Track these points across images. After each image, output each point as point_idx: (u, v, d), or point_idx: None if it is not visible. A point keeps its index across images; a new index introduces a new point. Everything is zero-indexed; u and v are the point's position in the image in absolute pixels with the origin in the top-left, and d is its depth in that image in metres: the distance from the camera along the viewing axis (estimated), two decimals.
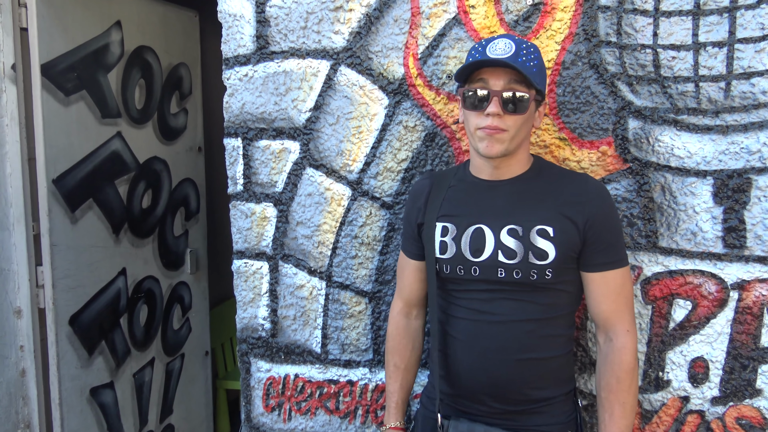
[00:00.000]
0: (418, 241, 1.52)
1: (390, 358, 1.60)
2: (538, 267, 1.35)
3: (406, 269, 1.57)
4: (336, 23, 1.72)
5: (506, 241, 1.37)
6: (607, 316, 1.40)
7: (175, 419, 3.06)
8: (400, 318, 1.60)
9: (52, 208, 2.36)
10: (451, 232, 1.42)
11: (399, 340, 1.59)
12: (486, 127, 1.32)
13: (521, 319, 1.38)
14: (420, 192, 1.53)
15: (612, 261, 1.38)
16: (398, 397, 1.58)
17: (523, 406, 1.40)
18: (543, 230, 1.36)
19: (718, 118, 1.51)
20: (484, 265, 1.38)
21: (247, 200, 1.86)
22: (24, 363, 2.43)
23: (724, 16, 1.48)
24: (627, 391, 1.37)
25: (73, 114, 2.43)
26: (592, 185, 1.41)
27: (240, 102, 1.83)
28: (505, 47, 1.31)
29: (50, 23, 2.32)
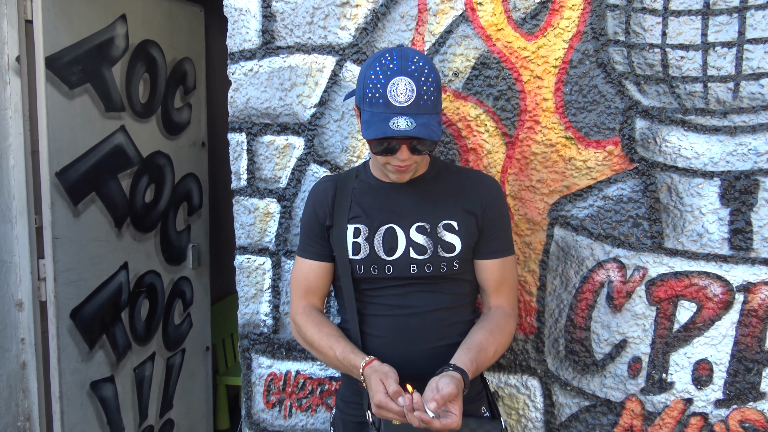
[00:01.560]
0: (325, 241, 1.51)
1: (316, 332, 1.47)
2: (446, 259, 1.43)
3: (309, 273, 1.53)
4: (342, 19, 1.71)
5: (416, 238, 1.44)
6: (495, 298, 1.48)
7: (175, 414, 3.06)
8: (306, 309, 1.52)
9: (55, 201, 2.35)
10: (363, 233, 1.46)
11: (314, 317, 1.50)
12: (397, 167, 1.37)
13: (434, 308, 1.45)
14: (323, 194, 1.52)
15: (502, 249, 1.48)
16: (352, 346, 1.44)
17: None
18: (449, 224, 1.44)
19: (726, 119, 1.50)
20: (397, 262, 1.44)
21: (250, 196, 1.86)
22: (25, 356, 2.43)
23: (734, 16, 1.47)
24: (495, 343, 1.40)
25: (77, 107, 2.43)
26: (486, 177, 1.52)
27: (245, 97, 1.82)
28: (407, 92, 1.30)
29: (55, 16, 2.31)
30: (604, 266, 1.62)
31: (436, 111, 1.33)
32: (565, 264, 1.65)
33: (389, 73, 1.31)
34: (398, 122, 1.29)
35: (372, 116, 1.32)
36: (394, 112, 1.30)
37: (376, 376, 1.31)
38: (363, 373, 1.37)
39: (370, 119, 1.33)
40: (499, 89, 1.63)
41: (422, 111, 1.30)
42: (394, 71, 1.31)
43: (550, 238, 1.66)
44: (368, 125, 1.33)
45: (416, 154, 1.36)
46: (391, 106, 1.30)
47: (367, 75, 1.34)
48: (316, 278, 1.54)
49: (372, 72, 1.33)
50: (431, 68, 1.33)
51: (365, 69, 1.36)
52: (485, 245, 1.47)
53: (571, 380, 1.69)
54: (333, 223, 1.49)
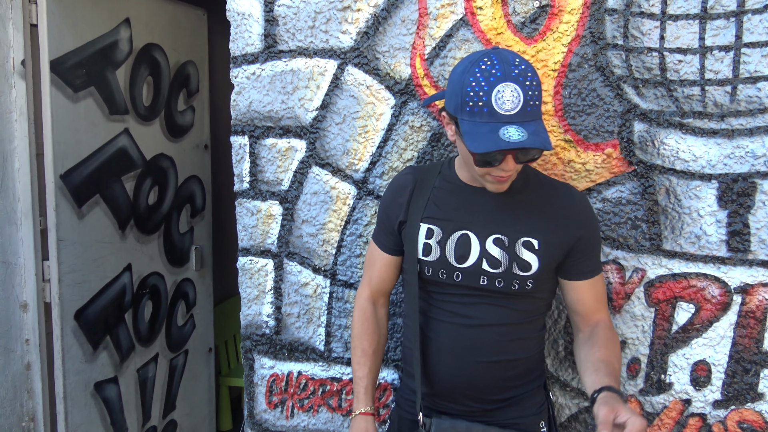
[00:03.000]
0: (396, 237, 1.51)
1: (358, 344, 1.57)
2: (520, 278, 1.37)
3: (378, 261, 1.56)
4: (344, 23, 1.73)
5: (491, 250, 1.38)
6: (595, 312, 1.44)
7: (178, 415, 3.08)
8: (368, 305, 1.59)
9: (60, 204, 2.38)
10: (437, 235, 1.42)
11: (367, 326, 1.57)
12: (498, 177, 1.30)
13: (497, 323, 1.41)
14: (402, 188, 1.50)
15: (597, 268, 1.43)
16: (367, 382, 1.55)
17: (497, 404, 1.45)
18: (528, 242, 1.37)
19: (723, 122, 1.52)
20: (467, 271, 1.39)
21: (253, 198, 1.88)
22: (29, 356, 2.45)
23: (731, 20, 1.49)
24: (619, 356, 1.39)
25: (82, 110, 2.45)
26: (577, 199, 1.43)
27: (247, 100, 1.84)
28: (513, 99, 1.21)
29: (60, 20, 2.34)
30: (603, 268, 1.63)
31: (540, 117, 1.24)
32: None
33: (492, 79, 1.21)
34: (509, 132, 1.19)
35: (475, 126, 1.22)
36: (500, 121, 1.20)
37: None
38: (353, 417, 1.52)
39: (472, 130, 1.23)
40: None
41: (529, 118, 1.21)
42: (498, 77, 1.21)
43: None
44: (473, 137, 1.22)
45: (521, 163, 1.28)
46: (497, 115, 1.20)
47: (466, 82, 1.24)
48: (381, 267, 1.56)
49: (472, 78, 1.23)
50: (533, 71, 1.24)
51: (462, 75, 1.25)
52: (577, 266, 1.41)
53: (570, 381, 1.70)
54: (407, 219, 1.46)
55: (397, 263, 1.56)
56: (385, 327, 1.62)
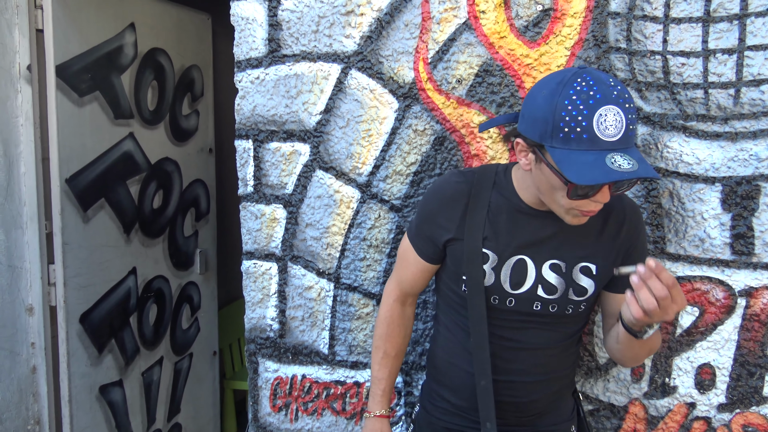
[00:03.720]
0: (437, 248, 1.43)
1: (381, 345, 1.56)
2: (575, 302, 1.34)
3: (413, 265, 1.49)
4: (347, 27, 1.74)
5: (548, 276, 1.33)
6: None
7: (183, 418, 3.08)
8: (396, 306, 1.56)
9: (65, 208, 2.39)
10: (492, 261, 1.34)
11: (393, 327, 1.56)
12: (589, 212, 1.21)
13: (546, 346, 1.39)
14: (455, 200, 1.38)
15: None
16: (386, 385, 1.56)
17: (537, 414, 1.45)
18: (586, 268, 1.33)
19: (727, 125, 1.52)
20: (521, 297, 1.35)
21: (257, 201, 1.88)
22: (35, 360, 2.46)
23: (734, 23, 1.49)
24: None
25: (87, 115, 2.46)
26: (629, 209, 1.36)
27: (251, 104, 1.85)
28: (617, 124, 1.11)
29: (65, 25, 2.35)
30: None
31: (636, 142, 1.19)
32: None
33: (592, 102, 1.10)
34: (617, 161, 1.09)
35: (572, 155, 1.11)
36: (603, 148, 1.10)
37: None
38: (368, 418, 1.56)
39: (570, 159, 1.11)
40: (502, 96, 1.65)
41: (630, 144, 1.12)
42: (598, 99, 1.10)
43: None
44: (572, 167, 1.11)
45: (615, 193, 1.19)
46: (599, 142, 1.10)
47: (559, 105, 1.12)
48: (415, 273, 1.50)
49: (567, 102, 1.11)
50: (628, 91, 1.15)
51: (551, 98, 1.14)
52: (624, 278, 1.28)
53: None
54: (462, 237, 1.36)
55: (432, 270, 1.49)
56: (410, 327, 1.61)
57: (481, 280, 1.34)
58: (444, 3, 1.66)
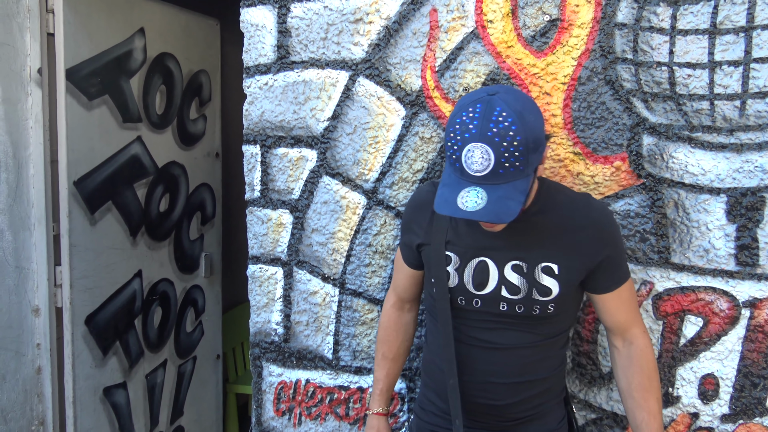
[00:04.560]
0: (415, 254, 1.51)
1: (379, 347, 1.64)
2: (541, 302, 1.36)
3: (402, 271, 1.59)
4: (356, 35, 1.75)
5: (510, 277, 1.36)
6: (626, 324, 1.42)
7: (186, 421, 3.09)
8: (393, 311, 1.63)
9: (72, 210, 2.41)
10: (455, 263, 1.40)
11: (390, 332, 1.63)
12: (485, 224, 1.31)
13: (519, 347, 1.40)
14: (423, 207, 1.47)
15: (622, 277, 1.40)
16: (384, 385, 1.63)
17: (519, 420, 1.45)
18: (548, 267, 1.35)
19: (732, 137, 1.52)
20: (486, 298, 1.38)
21: (263, 206, 1.89)
22: (40, 361, 2.47)
23: (740, 36, 1.50)
24: (658, 388, 1.42)
25: (96, 118, 2.48)
26: (595, 214, 1.37)
27: (259, 110, 1.86)
28: (482, 161, 1.17)
29: (76, 29, 2.37)
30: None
31: (524, 175, 1.18)
32: None
33: (467, 135, 1.17)
34: (467, 198, 1.17)
35: (450, 176, 1.22)
36: (468, 180, 1.18)
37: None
38: (369, 415, 1.62)
39: (445, 179, 1.23)
40: None
41: (502, 180, 1.17)
42: (472, 134, 1.16)
43: None
44: (441, 189, 1.23)
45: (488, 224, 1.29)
46: (465, 174, 1.18)
47: (449, 128, 1.21)
48: (405, 278, 1.59)
49: (451, 129, 1.20)
50: (520, 128, 1.15)
51: (451, 118, 1.22)
52: (605, 280, 1.38)
53: (577, 393, 1.70)
54: (429, 242, 1.43)
55: (417, 277, 1.58)
56: (410, 331, 1.65)
57: (446, 282, 1.40)
58: (452, 12, 1.67)
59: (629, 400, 1.41)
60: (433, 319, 1.51)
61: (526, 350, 1.40)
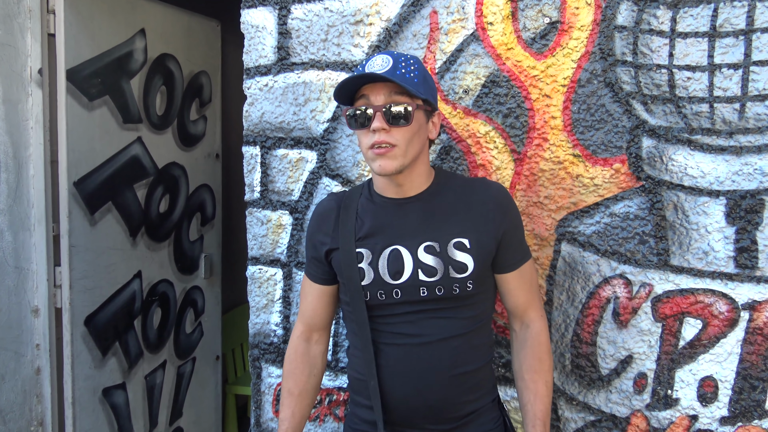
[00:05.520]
0: (324, 266, 1.47)
1: (285, 383, 1.53)
2: (459, 280, 1.35)
3: (310, 293, 1.52)
4: (356, 36, 1.76)
5: (425, 259, 1.35)
6: (525, 306, 1.46)
7: (185, 422, 3.09)
8: (300, 342, 1.54)
9: (72, 210, 2.41)
10: (366, 258, 1.38)
11: (296, 365, 1.52)
12: (375, 144, 1.30)
13: (447, 336, 1.37)
14: (326, 215, 1.47)
15: (524, 256, 1.44)
16: (288, 425, 1.49)
17: (456, 422, 1.41)
18: (460, 243, 1.36)
19: (732, 139, 1.52)
20: (405, 286, 1.36)
21: (263, 207, 1.90)
22: (39, 361, 2.47)
23: (740, 39, 1.50)
24: (548, 371, 1.44)
25: (96, 119, 2.49)
26: (494, 190, 1.42)
27: (259, 111, 1.86)
28: (383, 63, 1.31)
29: (77, 30, 2.38)
30: (610, 282, 1.64)
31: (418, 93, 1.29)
32: (571, 279, 1.67)
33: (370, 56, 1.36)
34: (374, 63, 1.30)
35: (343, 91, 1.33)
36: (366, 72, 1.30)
37: None
38: None
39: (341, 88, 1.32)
40: (509, 107, 1.67)
41: (399, 80, 1.28)
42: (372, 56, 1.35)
43: (557, 253, 1.68)
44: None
45: (394, 125, 1.29)
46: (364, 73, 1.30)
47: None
48: (313, 300, 1.52)
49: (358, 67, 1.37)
50: (416, 58, 1.35)
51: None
52: (506, 258, 1.41)
53: (576, 395, 1.70)
54: (338, 246, 1.41)
55: (329, 293, 1.51)
56: (319, 365, 1.56)
57: (358, 280, 1.37)
58: (452, 14, 1.68)
59: (520, 381, 1.44)
60: (352, 330, 1.47)
61: (454, 340, 1.37)
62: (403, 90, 1.30)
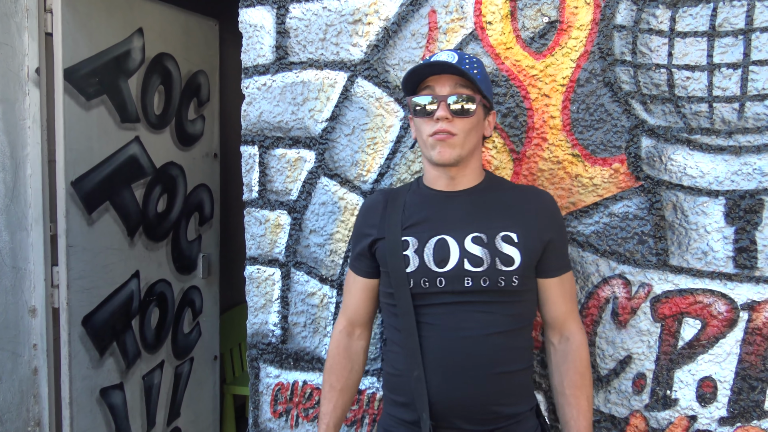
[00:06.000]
0: (369, 259, 1.49)
1: (327, 378, 1.54)
2: (505, 273, 1.34)
3: (353, 287, 1.54)
4: (354, 36, 1.75)
5: (471, 249, 1.35)
6: (564, 317, 1.46)
7: (182, 423, 3.08)
8: (342, 337, 1.55)
9: (70, 210, 2.40)
10: (412, 246, 1.39)
11: (338, 360, 1.54)
12: (436, 132, 1.35)
13: (490, 332, 1.35)
14: (373, 208, 1.50)
15: (566, 264, 1.46)
16: (329, 420, 1.50)
17: (493, 424, 1.38)
18: (507, 236, 1.37)
19: (731, 139, 1.52)
20: (449, 275, 1.35)
21: (261, 207, 1.89)
22: (36, 361, 2.46)
23: (739, 38, 1.50)
24: (590, 386, 1.45)
25: (94, 118, 2.48)
26: (545, 196, 1.47)
27: (258, 110, 1.86)
28: (449, 57, 1.36)
29: (74, 29, 2.37)
30: (609, 282, 1.63)
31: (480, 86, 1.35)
32: None
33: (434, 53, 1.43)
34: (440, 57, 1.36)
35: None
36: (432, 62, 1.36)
37: None
38: None
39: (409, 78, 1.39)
40: (507, 106, 1.66)
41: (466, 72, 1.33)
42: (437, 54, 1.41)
43: None
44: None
45: (458, 116, 1.34)
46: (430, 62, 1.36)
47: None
48: (356, 294, 1.54)
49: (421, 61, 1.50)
50: (478, 59, 1.42)
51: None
52: (550, 263, 1.42)
53: None
54: (384, 236, 1.43)
55: (372, 287, 1.52)
56: (360, 361, 1.57)
57: (403, 269, 1.37)
58: (451, 13, 1.67)
59: (560, 396, 1.44)
60: (392, 325, 1.47)
61: (495, 337, 1.35)
62: (467, 83, 1.35)
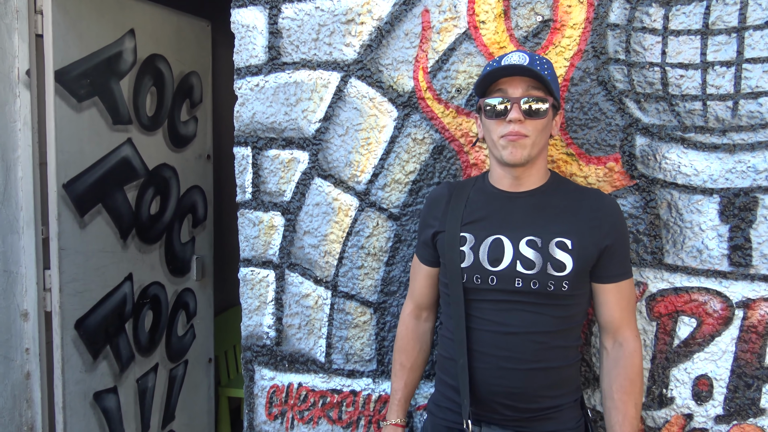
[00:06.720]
0: (431, 248, 1.54)
1: (397, 357, 1.64)
2: (555, 278, 1.38)
3: (419, 273, 1.61)
4: (347, 36, 1.74)
5: (525, 252, 1.39)
6: (619, 323, 1.46)
7: (177, 426, 3.06)
8: (410, 319, 1.64)
9: (62, 213, 2.38)
10: (469, 242, 1.44)
11: (407, 341, 1.64)
12: (508, 134, 1.37)
13: (535, 331, 1.40)
14: (438, 200, 1.55)
15: (626, 271, 1.45)
16: (401, 395, 1.63)
17: (534, 413, 1.43)
18: (562, 242, 1.39)
19: (725, 137, 1.52)
20: (501, 274, 1.40)
21: (255, 209, 1.88)
22: (29, 366, 2.44)
23: (733, 36, 1.50)
24: (639, 393, 1.44)
25: (85, 120, 2.46)
26: (607, 201, 1.45)
27: (251, 111, 1.85)
28: (520, 59, 1.37)
29: (65, 30, 2.35)
30: None
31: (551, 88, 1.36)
32: None
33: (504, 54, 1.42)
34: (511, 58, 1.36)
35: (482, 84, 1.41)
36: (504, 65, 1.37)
37: None
38: (385, 425, 1.63)
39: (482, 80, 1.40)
40: None
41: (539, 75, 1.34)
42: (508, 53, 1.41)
43: None
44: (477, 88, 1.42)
45: (530, 117, 1.36)
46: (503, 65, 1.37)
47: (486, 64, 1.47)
48: (421, 280, 1.61)
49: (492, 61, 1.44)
50: (548, 60, 1.42)
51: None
52: (608, 269, 1.42)
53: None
54: (445, 229, 1.48)
55: (435, 275, 1.59)
56: (427, 341, 1.66)
57: (459, 263, 1.43)
58: (444, 13, 1.67)
59: (609, 400, 1.45)
60: (447, 312, 1.53)
61: (539, 335, 1.40)
62: (538, 85, 1.37)
